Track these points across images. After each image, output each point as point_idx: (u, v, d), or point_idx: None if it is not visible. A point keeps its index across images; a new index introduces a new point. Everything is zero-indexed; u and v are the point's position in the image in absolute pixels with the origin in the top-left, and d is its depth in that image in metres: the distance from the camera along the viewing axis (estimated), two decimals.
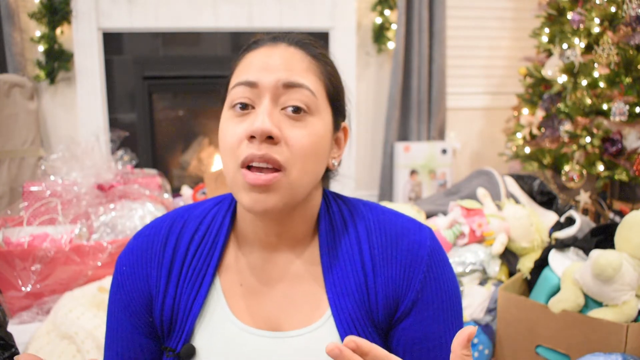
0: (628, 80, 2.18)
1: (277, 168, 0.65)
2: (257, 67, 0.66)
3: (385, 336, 0.72)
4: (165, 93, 3.16)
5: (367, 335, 0.69)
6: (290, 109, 0.65)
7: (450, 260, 1.64)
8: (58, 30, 2.71)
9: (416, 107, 3.12)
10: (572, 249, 1.50)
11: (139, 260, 0.74)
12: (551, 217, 1.91)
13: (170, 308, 0.72)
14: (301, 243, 0.74)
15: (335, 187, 0.97)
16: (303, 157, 0.66)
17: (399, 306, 0.70)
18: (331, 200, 0.78)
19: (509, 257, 1.73)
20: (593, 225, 1.70)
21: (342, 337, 0.68)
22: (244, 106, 0.66)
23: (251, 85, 0.66)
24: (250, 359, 0.70)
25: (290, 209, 0.69)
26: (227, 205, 0.77)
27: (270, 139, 0.64)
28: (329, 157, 0.72)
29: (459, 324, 0.73)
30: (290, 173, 0.65)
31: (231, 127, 0.67)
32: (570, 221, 1.72)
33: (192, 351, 0.71)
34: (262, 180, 0.64)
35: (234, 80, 0.69)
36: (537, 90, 2.69)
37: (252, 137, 0.64)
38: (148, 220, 1.70)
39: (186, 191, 2.57)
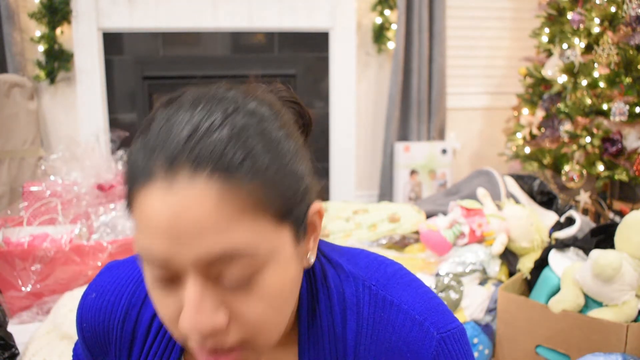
0: (628, 80, 2.18)
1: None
2: (158, 236, 0.43)
3: None
4: (165, 93, 3.12)
5: None
6: (227, 282, 0.45)
7: (450, 261, 1.66)
8: (58, 30, 2.70)
9: (416, 107, 3.12)
10: (572, 249, 1.50)
11: (98, 328, 0.62)
12: (551, 217, 1.91)
13: None
14: (285, 335, 0.58)
15: (335, 187, 0.95)
16: (267, 327, 0.49)
17: None
18: (319, 279, 0.58)
19: (509, 257, 1.73)
20: (593, 225, 1.70)
21: None
22: (162, 276, 0.46)
23: (160, 264, 0.45)
24: None
25: None
26: None
27: None
28: (301, 268, 0.54)
29: None
30: (256, 343, 0.49)
31: (157, 296, 0.48)
32: (570, 221, 1.72)
33: None
34: None
35: (135, 234, 0.46)
36: (537, 90, 2.69)
37: None
38: None
39: None
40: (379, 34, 3.03)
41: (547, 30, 2.63)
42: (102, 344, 0.63)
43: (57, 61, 2.72)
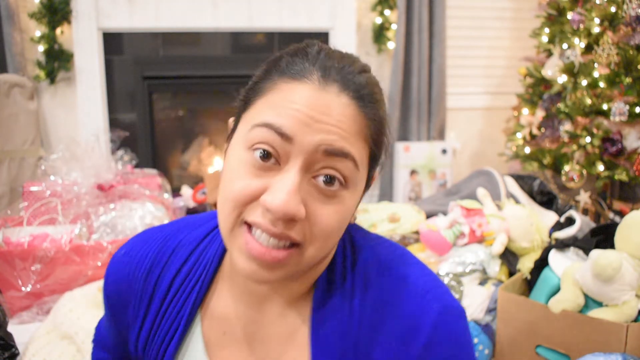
0: (628, 80, 2.18)
1: (290, 243, 0.55)
2: (297, 115, 0.52)
3: None
4: (165, 93, 3.15)
5: None
6: (322, 178, 0.53)
7: (450, 261, 1.66)
8: (58, 30, 2.70)
9: (416, 107, 3.12)
10: (572, 249, 1.50)
11: (122, 282, 0.68)
12: (551, 217, 1.90)
13: (144, 342, 0.67)
14: (298, 298, 0.64)
15: None
16: (326, 237, 0.55)
17: None
18: (339, 249, 0.64)
19: (509, 257, 1.73)
20: (593, 225, 1.70)
21: None
22: (267, 155, 0.53)
23: (284, 137, 0.52)
24: None
25: None
26: (221, 238, 0.65)
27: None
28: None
29: None
30: (305, 250, 0.55)
31: (243, 176, 0.54)
32: (570, 221, 1.72)
33: None
34: (270, 258, 0.53)
35: (261, 113, 0.55)
36: (537, 90, 2.69)
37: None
38: (148, 220, 1.70)
39: (186, 191, 2.57)
40: (379, 34, 3.03)
41: (547, 30, 2.63)
42: (123, 298, 0.68)
43: (57, 61, 2.72)
